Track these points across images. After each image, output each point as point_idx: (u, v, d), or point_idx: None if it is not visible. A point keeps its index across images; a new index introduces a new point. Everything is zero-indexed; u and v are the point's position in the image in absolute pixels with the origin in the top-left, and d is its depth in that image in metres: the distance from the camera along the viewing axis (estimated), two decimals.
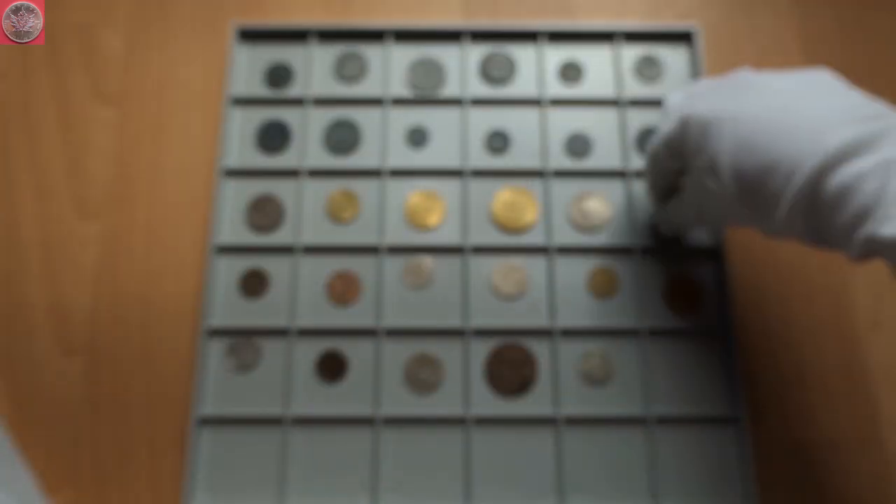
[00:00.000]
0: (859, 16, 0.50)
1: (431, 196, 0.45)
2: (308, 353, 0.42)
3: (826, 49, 0.49)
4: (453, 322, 0.43)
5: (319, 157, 0.46)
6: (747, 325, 0.43)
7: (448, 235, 0.45)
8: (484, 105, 0.47)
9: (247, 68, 0.48)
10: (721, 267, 0.44)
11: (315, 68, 0.48)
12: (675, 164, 0.37)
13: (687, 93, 0.36)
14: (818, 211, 0.29)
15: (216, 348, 0.42)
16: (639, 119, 0.47)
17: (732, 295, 0.43)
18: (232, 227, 0.45)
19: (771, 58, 0.49)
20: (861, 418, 0.42)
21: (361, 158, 0.46)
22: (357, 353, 0.42)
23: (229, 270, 0.44)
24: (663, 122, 0.37)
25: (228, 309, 0.43)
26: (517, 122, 0.47)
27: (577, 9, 0.50)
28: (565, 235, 0.45)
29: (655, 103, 0.47)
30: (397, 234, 0.45)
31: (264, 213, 0.45)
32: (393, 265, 0.44)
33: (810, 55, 0.49)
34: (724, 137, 0.32)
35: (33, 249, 0.44)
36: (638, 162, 0.46)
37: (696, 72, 0.47)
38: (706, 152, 0.33)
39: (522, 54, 0.48)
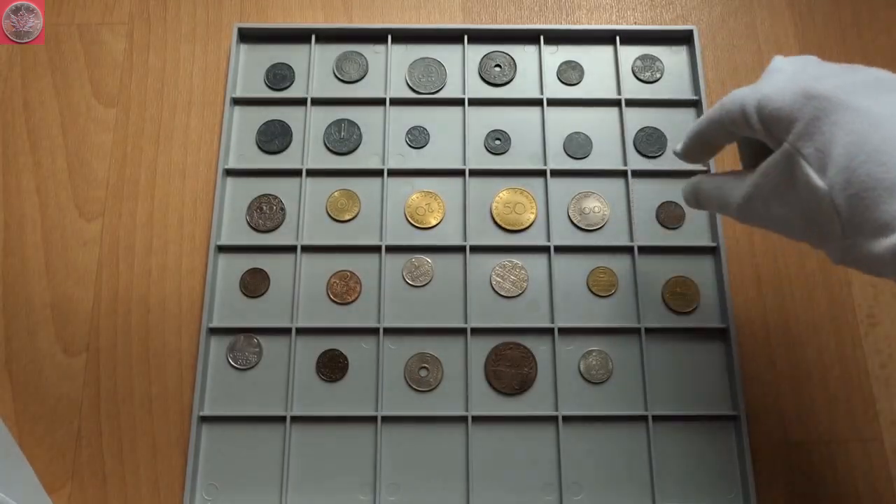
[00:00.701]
0: (857, 16, 0.50)
1: (431, 196, 0.45)
2: (308, 352, 0.43)
3: (824, 50, 0.49)
4: (453, 321, 0.43)
5: (319, 157, 0.46)
6: (746, 323, 0.43)
7: (448, 235, 0.45)
8: (484, 105, 0.47)
9: (247, 69, 0.48)
10: (720, 266, 0.44)
11: (315, 68, 0.48)
12: (750, 133, 0.30)
13: (801, 64, 0.31)
14: None
15: (217, 347, 0.43)
16: (638, 119, 0.47)
17: (731, 294, 0.43)
18: (232, 227, 0.45)
19: (769, 59, 0.49)
20: (859, 417, 0.42)
21: (361, 158, 0.46)
22: (357, 352, 0.43)
23: (230, 270, 0.44)
24: (764, 80, 0.31)
25: (229, 308, 0.43)
26: (517, 122, 0.47)
27: (577, 9, 0.50)
28: (565, 235, 0.45)
29: (655, 103, 0.47)
30: (397, 234, 0.45)
31: (264, 213, 0.45)
32: (393, 265, 0.44)
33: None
34: (844, 127, 0.26)
35: (35, 249, 0.45)
36: (638, 162, 0.46)
37: (695, 72, 0.47)
38: (818, 136, 0.27)
39: (522, 54, 0.49)
